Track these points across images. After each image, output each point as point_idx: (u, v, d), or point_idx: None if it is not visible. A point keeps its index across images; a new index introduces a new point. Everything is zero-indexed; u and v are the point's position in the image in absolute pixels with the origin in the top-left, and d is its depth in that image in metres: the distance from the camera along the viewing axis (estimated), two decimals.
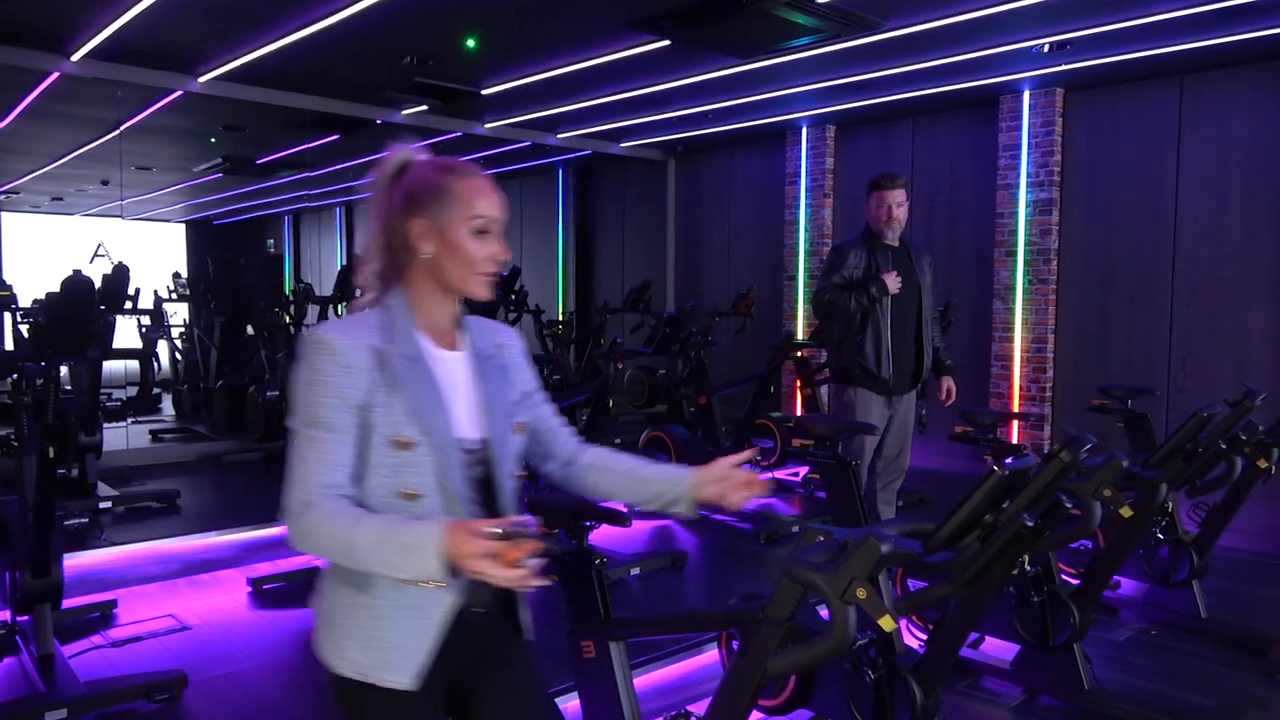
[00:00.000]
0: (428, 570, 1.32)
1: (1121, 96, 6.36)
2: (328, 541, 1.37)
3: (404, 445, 1.43)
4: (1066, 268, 6.67)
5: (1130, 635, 4.16)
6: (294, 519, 1.39)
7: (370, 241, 1.55)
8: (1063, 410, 6.65)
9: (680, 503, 1.65)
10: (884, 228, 4.35)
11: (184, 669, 3.38)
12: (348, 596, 1.47)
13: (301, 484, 1.40)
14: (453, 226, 1.49)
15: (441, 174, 1.51)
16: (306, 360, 1.44)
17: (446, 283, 1.53)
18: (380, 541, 1.34)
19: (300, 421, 1.44)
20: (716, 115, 7.72)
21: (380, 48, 5.77)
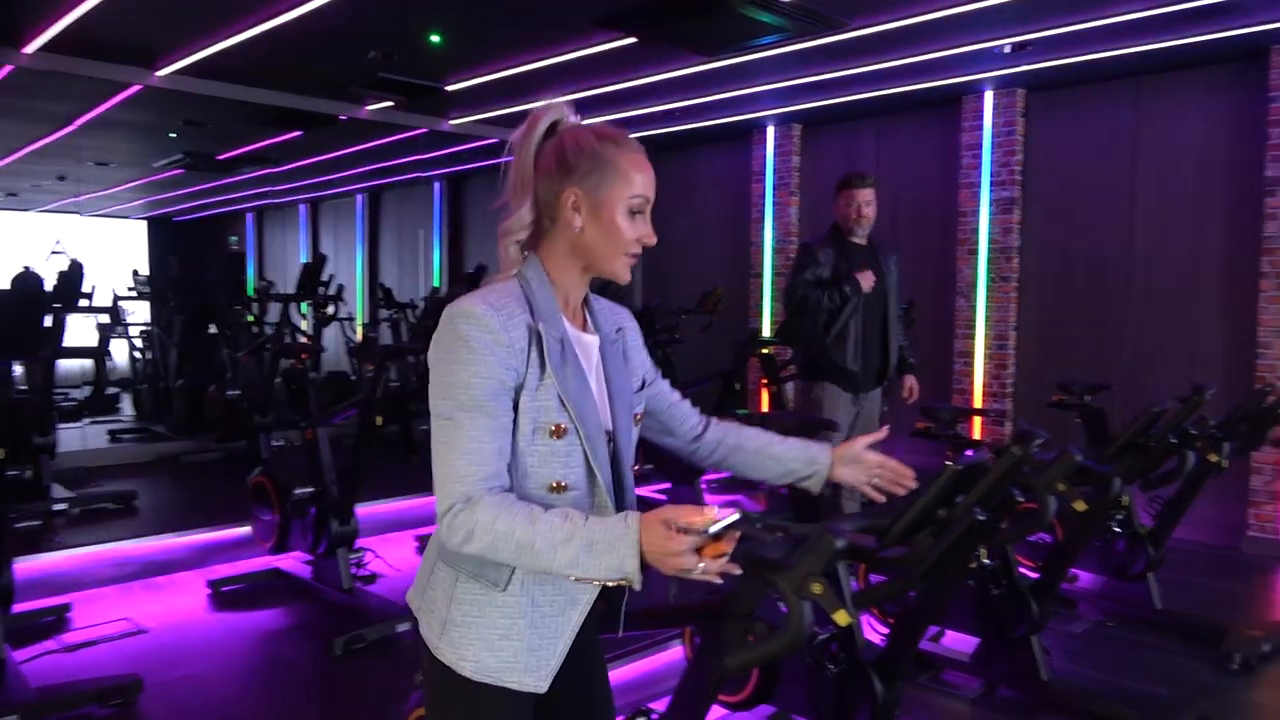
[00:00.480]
0: (622, 569, 1.21)
1: (1081, 97, 6.45)
2: (497, 540, 1.26)
3: (557, 433, 1.34)
4: (1027, 265, 6.76)
5: (1088, 627, 4.23)
6: (454, 515, 1.28)
7: (516, 209, 1.41)
8: (1024, 405, 6.74)
9: (813, 481, 1.60)
10: (853, 226, 4.40)
11: (139, 673, 3.32)
12: (475, 594, 1.38)
13: (460, 477, 1.29)
14: (609, 201, 1.39)
15: (602, 142, 1.40)
16: (456, 335, 1.31)
17: (589, 260, 1.42)
18: (563, 539, 1.23)
19: (451, 404, 1.30)
20: (683, 113, 7.72)
21: (343, 43, 5.70)
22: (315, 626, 3.98)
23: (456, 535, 1.28)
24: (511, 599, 1.37)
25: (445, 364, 1.32)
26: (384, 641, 3.76)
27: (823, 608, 1.41)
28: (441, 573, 1.42)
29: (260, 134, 8.65)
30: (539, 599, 1.38)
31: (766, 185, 8.31)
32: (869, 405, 4.53)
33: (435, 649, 1.41)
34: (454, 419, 1.30)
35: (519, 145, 1.41)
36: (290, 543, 4.41)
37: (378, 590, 4.34)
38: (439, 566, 1.43)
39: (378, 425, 4.12)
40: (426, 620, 1.43)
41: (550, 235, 1.42)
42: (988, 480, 1.45)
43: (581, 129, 1.43)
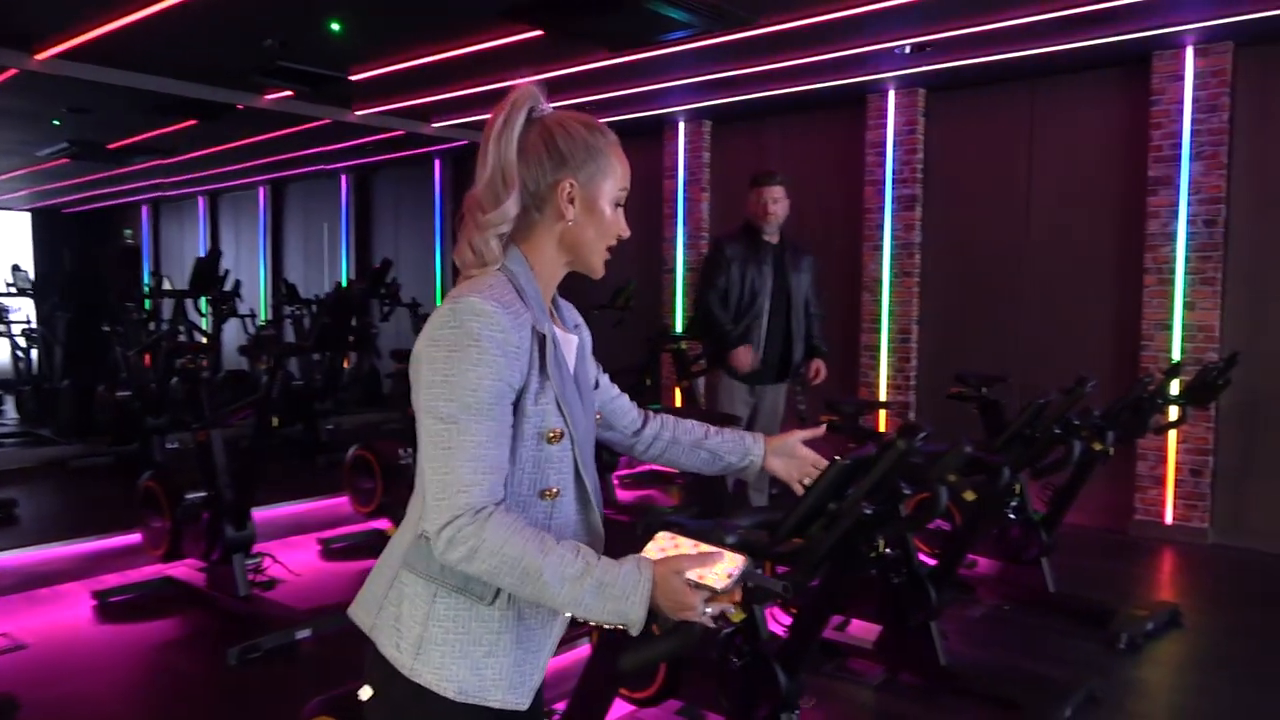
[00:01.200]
0: (626, 617, 1.18)
1: (978, 98, 6.65)
2: (503, 564, 1.18)
3: (555, 439, 1.28)
4: (928, 261, 6.94)
5: (985, 611, 4.37)
6: (457, 529, 1.18)
7: (501, 201, 1.31)
8: (926, 398, 6.93)
9: (748, 471, 1.58)
10: (761, 223, 4.54)
11: (17, 691, 3.15)
12: (459, 609, 1.29)
13: (464, 486, 1.19)
14: (602, 193, 1.35)
15: (592, 132, 1.36)
16: (464, 332, 1.22)
17: (576, 253, 1.37)
18: (574, 575, 1.18)
19: (456, 406, 1.20)
20: (593, 108, 7.64)
21: (237, 29, 5.49)
22: (209, 636, 3.83)
23: (457, 551, 1.20)
24: (498, 613, 1.30)
25: (450, 363, 1.22)
26: (282, 650, 3.64)
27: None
28: (412, 587, 1.32)
29: (153, 123, 8.28)
30: (525, 613, 1.33)
31: (678, 181, 8.35)
32: (769, 397, 4.66)
33: (410, 670, 1.30)
34: (459, 423, 1.21)
35: (498, 133, 1.33)
36: (183, 549, 4.23)
37: (277, 596, 4.20)
38: (407, 579, 1.32)
39: (275, 426, 3.97)
40: (389, 639, 1.32)
41: (536, 228, 1.36)
42: (873, 474, 1.47)
43: (567, 117, 1.39)
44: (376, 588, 1.36)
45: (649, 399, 7.20)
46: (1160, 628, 4.10)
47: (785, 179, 4.61)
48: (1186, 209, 5.65)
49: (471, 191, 1.35)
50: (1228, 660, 3.88)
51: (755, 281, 4.52)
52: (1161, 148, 5.72)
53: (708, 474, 1.61)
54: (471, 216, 1.34)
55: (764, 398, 4.65)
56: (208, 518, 4.05)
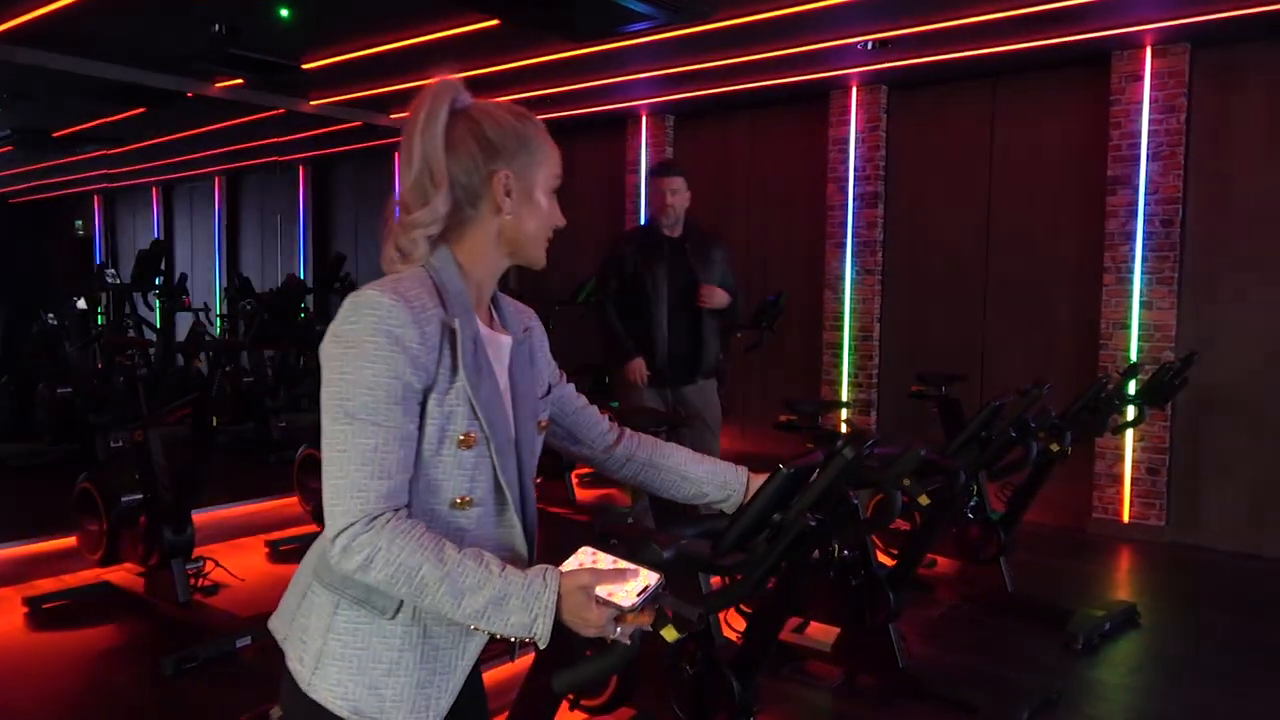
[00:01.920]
0: (532, 630, 1.12)
1: (940, 95, 6.64)
2: (399, 573, 1.12)
3: (466, 443, 1.20)
4: (890, 259, 6.92)
5: (944, 611, 4.35)
6: (353, 536, 1.12)
7: (429, 199, 1.24)
8: (888, 396, 6.91)
9: (727, 505, 1.50)
10: (660, 216, 4.34)
11: None
12: (358, 622, 1.22)
13: (359, 490, 1.13)
14: (538, 182, 1.30)
15: (521, 120, 1.31)
16: (360, 328, 1.16)
17: (515, 247, 1.31)
18: (474, 586, 1.12)
19: (352, 406, 1.14)
20: (555, 100, 7.58)
21: (183, 13, 5.31)
22: (146, 645, 3.68)
23: (353, 559, 1.13)
24: (400, 628, 1.22)
25: (345, 360, 1.16)
26: (221, 658, 3.50)
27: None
28: (318, 597, 1.25)
29: (100, 110, 8.04)
30: (431, 629, 1.24)
31: (639, 176, 8.25)
32: (694, 398, 4.41)
33: (307, 685, 1.24)
34: (354, 424, 1.14)
35: (422, 128, 1.25)
36: (120, 554, 4.07)
37: (219, 602, 4.05)
38: (314, 590, 1.26)
39: (215, 425, 3.83)
40: (296, 652, 1.26)
41: (470, 224, 1.29)
42: (819, 483, 1.39)
43: (493, 106, 1.32)
44: (291, 598, 1.30)
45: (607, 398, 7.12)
46: (1117, 627, 4.10)
47: (683, 170, 4.40)
48: (1144, 208, 5.66)
49: (398, 193, 1.30)
50: (1185, 660, 3.88)
51: (650, 280, 4.28)
52: (1120, 147, 5.74)
53: (686, 502, 1.53)
54: (399, 218, 1.28)
55: (686, 400, 4.40)
56: (145, 521, 3.90)
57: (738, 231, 7.75)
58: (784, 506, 1.43)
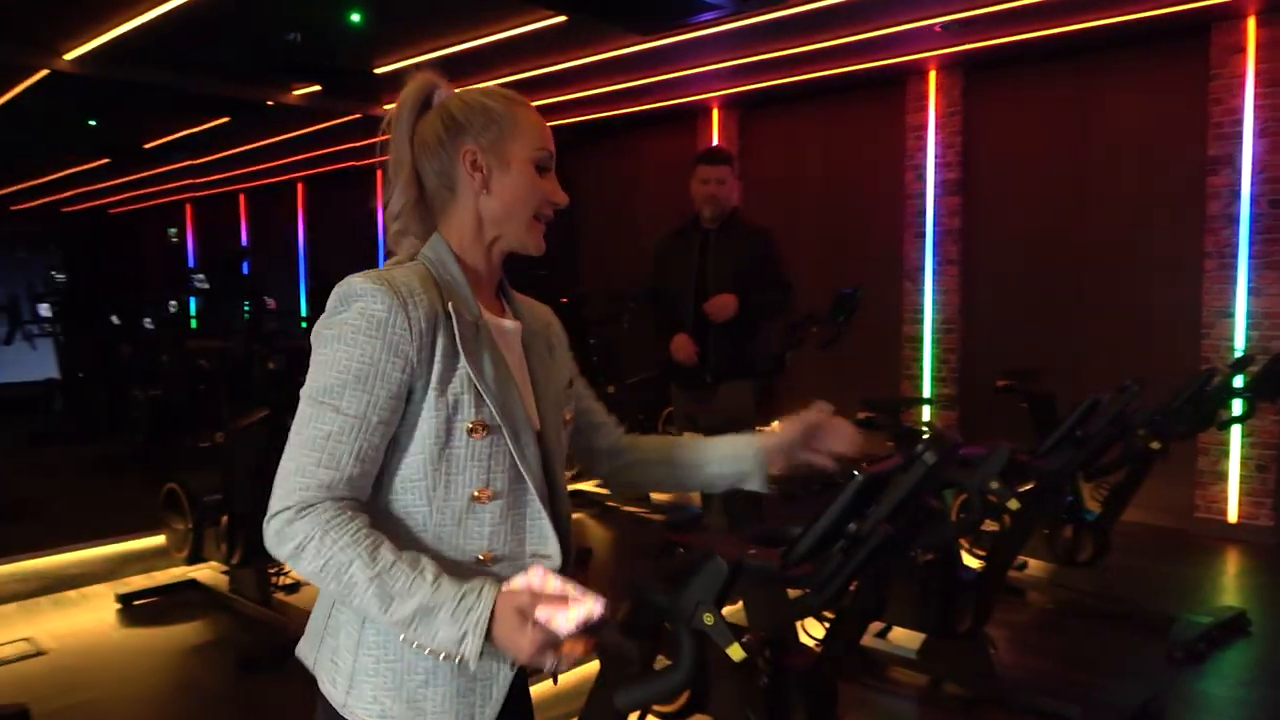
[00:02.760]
0: (458, 648, 1.05)
1: (1024, 78, 6.36)
2: (328, 567, 1.06)
3: (476, 431, 1.14)
4: (973, 248, 6.67)
5: (1036, 617, 4.15)
6: (285, 521, 1.07)
7: (394, 186, 1.24)
8: (971, 391, 6.67)
9: (752, 481, 1.40)
10: (701, 206, 3.96)
11: (32, 700, 3.09)
12: (388, 634, 1.15)
13: (300, 473, 1.08)
14: (512, 154, 1.23)
15: (490, 96, 1.27)
16: (344, 314, 1.13)
17: (499, 229, 1.25)
18: (401, 592, 1.05)
19: (315, 387, 1.11)
20: (624, 96, 7.53)
21: (259, 24, 5.42)
22: (229, 643, 3.75)
23: (285, 545, 1.08)
24: None
25: (322, 343, 1.13)
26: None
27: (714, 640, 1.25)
28: (344, 614, 1.19)
29: (186, 121, 8.31)
30: None
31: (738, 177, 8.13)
32: (726, 401, 3.94)
33: (343, 707, 1.18)
34: (314, 407, 1.10)
35: (396, 122, 1.26)
36: (205, 552, 4.17)
37: (300, 601, 4.11)
38: (339, 608, 1.20)
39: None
40: (328, 675, 1.20)
41: (451, 209, 1.25)
42: (896, 493, 1.29)
43: (466, 90, 1.29)
44: (317, 619, 1.24)
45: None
46: (1224, 635, 3.84)
47: (731, 158, 4.04)
48: (1250, 189, 5.32)
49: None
50: None
51: (677, 276, 3.95)
52: (1222, 125, 5.40)
53: (705, 490, 1.42)
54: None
55: (716, 402, 3.96)
56: (227, 520, 3.98)
57: (811, 224, 7.58)
58: (860, 515, 1.33)
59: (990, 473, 2.01)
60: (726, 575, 1.24)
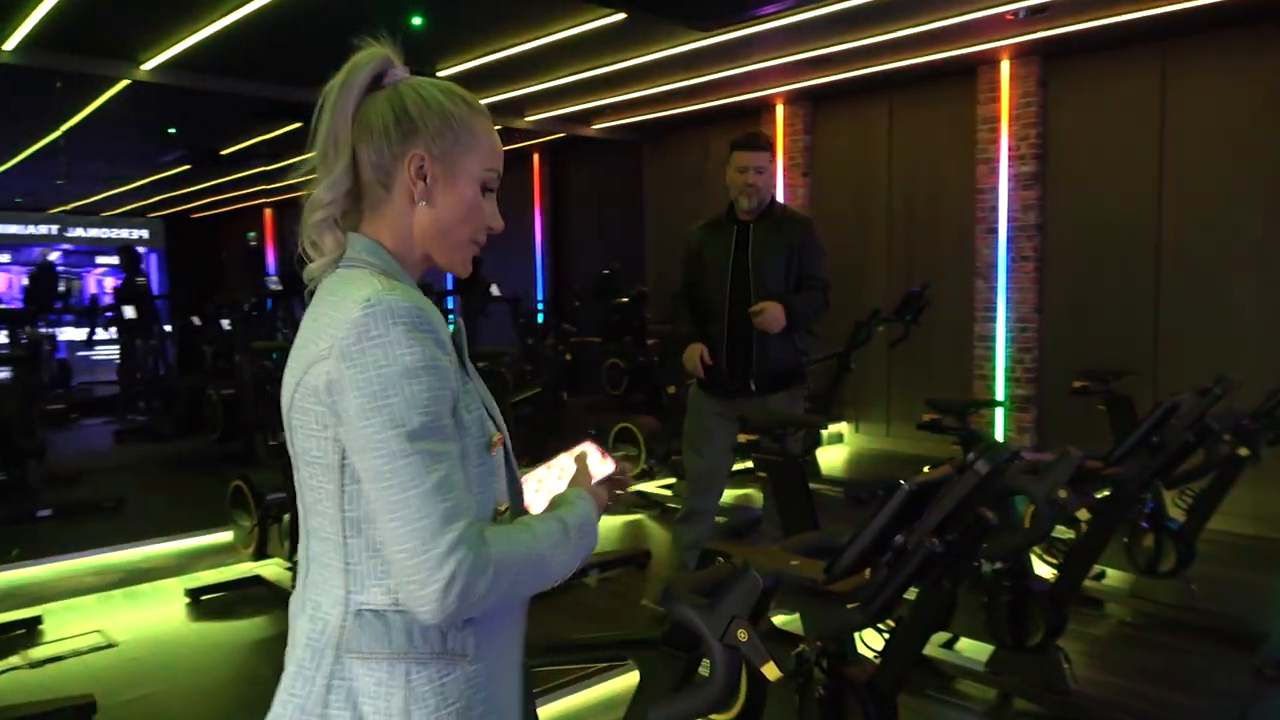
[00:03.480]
0: (594, 545, 1.15)
1: (1103, 64, 6.09)
2: (520, 569, 1.03)
3: (492, 446, 1.09)
4: (1050, 244, 6.42)
5: (1114, 630, 3.95)
6: (467, 575, 0.97)
7: (327, 172, 1.11)
8: (1048, 392, 6.42)
9: None
10: (737, 195, 3.64)
11: (100, 690, 3.16)
12: (441, 678, 1.06)
13: (451, 521, 0.98)
14: (463, 170, 1.12)
15: (452, 99, 1.14)
16: (403, 341, 1.01)
17: (429, 245, 1.13)
18: (560, 537, 1.09)
19: (414, 432, 0.99)
20: (688, 93, 7.46)
21: (323, 30, 5.50)
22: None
23: (474, 594, 0.98)
24: (480, 666, 1.09)
25: (393, 380, 0.99)
26: None
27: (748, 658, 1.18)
28: (370, 676, 1.06)
29: (261, 127, 8.52)
30: (492, 658, 1.11)
31: (777, 166, 8.02)
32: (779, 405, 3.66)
33: None
34: (423, 451, 0.99)
35: (335, 97, 1.13)
36: (269, 548, 4.24)
37: None
38: (357, 671, 1.06)
39: None
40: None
41: (382, 209, 1.13)
42: (945, 504, 1.21)
43: (424, 82, 1.16)
44: (306, 701, 1.09)
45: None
46: None
47: (769, 144, 3.69)
48: None
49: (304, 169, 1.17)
50: None
51: (711, 272, 3.63)
52: None
53: None
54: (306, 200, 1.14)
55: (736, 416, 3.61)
56: (290, 517, 4.04)
57: (878, 220, 7.41)
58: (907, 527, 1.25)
59: (1058, 480, 1.89)
60: (761, 590, 1.17)
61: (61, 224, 14.99)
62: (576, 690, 3.15)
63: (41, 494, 5.25)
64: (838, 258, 7.66)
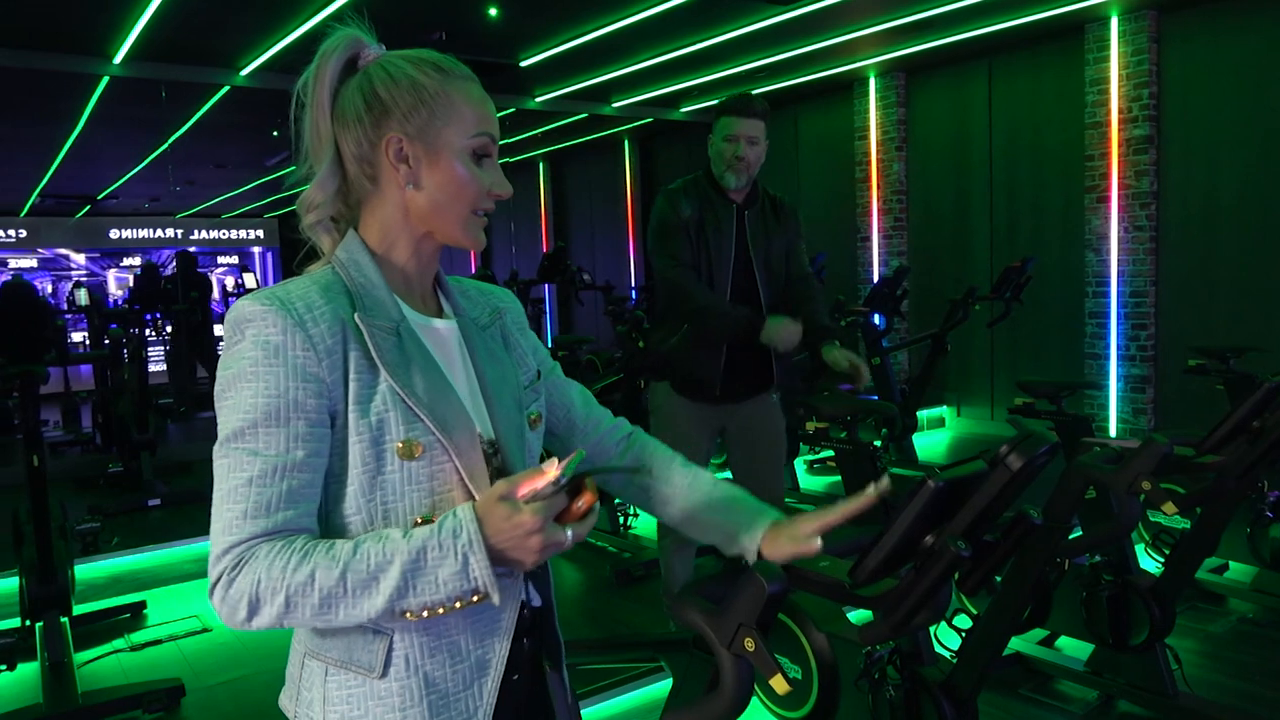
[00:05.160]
0: (469, 576, 0.92)
1: (1222, 16, 5.62)
2: (292, 595, 0.92)
3: (409, 452, 1.00)
4: (1166, 213, 5.98)
5: (1234, 628, 3.65)
6: (226, 585, 0.94)
7: (320, 174, 1.07)
8: (1167, 372, 6.00)
9: (745, 554, 1.20)
10: (725, 171, 2.99)
11: (191, 674, 3.30)
12: (351, 687, 1.04)
13: (228, 533, 0.95)
14: (446, 145, 1.06)
15: (424, 70, 1.07)
16: (239, 346, 0.99)
17: (429, 225, 1.09)
18: (381, 564, 0.92)
19: (225, 437, 0.97)
20: (775, 70, 7.27)
21: (404, 25, 5.58)
22: None
23: (239, 611, 0.94)
24: (396, 684, 1.03)
25: (223, 383, 0.99)
26: None
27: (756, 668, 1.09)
28: (310, 667, 1.06)
29: None
30: (434, 676, 1.04)
31: (870, 141, 7.74)
32: (743, 419, 3.16)
33: None
34: (229, 456, 0.97)
35: (311, 93, 1.07)
36: None
37: None
38: (307, 660, 1.07)
39: None
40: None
41: (373, 201, 1.09)
42: (976, 502, 1.08)
43: (395, 56, 1.09)
44: (291, 671, 1.11)
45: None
46: None
47: (767, 111, 2.99)
48: None
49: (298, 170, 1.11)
50: None
51: (714, 252, 3.00)
52: None
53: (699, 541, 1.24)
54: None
55: (736, 418, 3.14)
56: None
57: (979, 194, 7.06)
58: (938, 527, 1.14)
59: (1140, 470, 1.72)
60: (768, 597, 1.08)
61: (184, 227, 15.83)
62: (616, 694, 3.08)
63: (152, 484, 5.52)
64: (936, 235, 7.41)
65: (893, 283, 6.18)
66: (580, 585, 4.39)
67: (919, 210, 7.58)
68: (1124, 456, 1.87)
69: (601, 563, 4.51)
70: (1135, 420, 6.10)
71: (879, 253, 7.82)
